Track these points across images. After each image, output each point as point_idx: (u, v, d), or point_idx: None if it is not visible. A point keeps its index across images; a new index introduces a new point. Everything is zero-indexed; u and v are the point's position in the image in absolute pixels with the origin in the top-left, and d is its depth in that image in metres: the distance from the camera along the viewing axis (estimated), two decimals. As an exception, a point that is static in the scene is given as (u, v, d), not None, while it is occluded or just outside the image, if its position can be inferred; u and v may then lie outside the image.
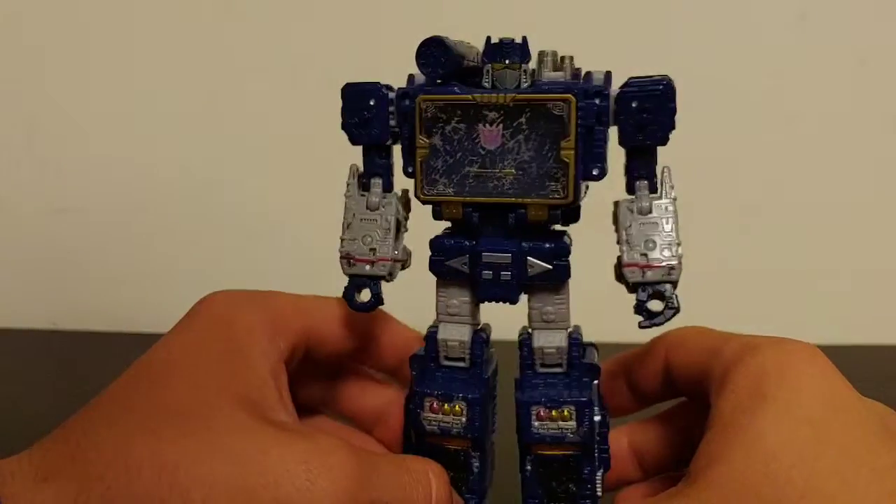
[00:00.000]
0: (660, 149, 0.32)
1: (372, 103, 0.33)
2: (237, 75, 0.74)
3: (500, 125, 0.31)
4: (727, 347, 0.31)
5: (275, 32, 0.73)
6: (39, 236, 0.78)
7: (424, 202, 0.32)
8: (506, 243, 0.32)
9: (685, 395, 0.36)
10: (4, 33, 0.75)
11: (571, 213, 0.33)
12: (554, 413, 0.33)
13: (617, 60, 0.34)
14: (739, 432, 0.27)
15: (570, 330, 0.33)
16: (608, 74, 0.33)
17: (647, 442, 0.37)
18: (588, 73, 0.33)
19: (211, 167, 0.75)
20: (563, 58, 0.34)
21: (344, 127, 0.33)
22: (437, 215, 0.32)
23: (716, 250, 0.61)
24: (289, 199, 0.73)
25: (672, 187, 0.32)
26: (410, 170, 0.32)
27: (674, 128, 0.31)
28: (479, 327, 0.35)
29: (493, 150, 0.31)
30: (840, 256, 0.70)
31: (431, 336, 0.34)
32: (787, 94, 0.65)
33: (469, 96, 0.31)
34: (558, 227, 0.34)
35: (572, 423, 0.32)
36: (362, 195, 0.34)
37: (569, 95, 0.30)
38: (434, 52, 0.31)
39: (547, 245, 0.32)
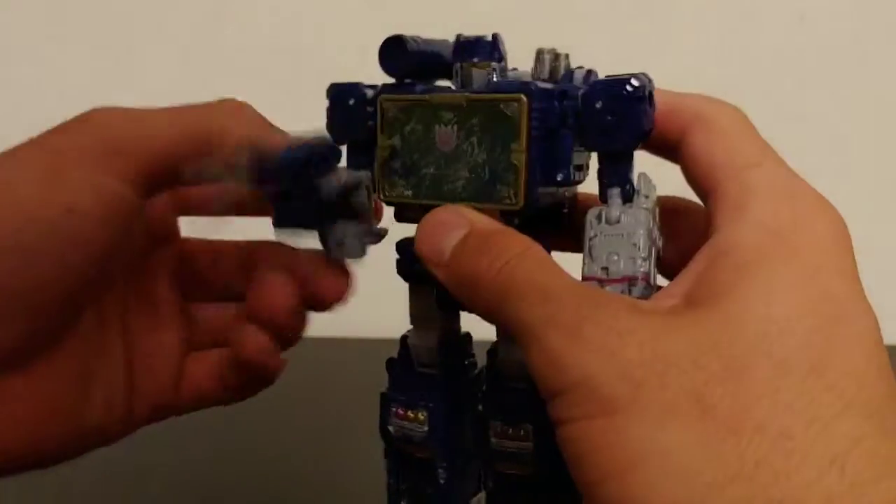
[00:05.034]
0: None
1: (351, 103, 0.32)
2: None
3: (455, 126, 0.29)
4: (755, 174, 0.27)
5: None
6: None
7: (386, 203, 0.32)
8: (463, 249, 0.30)
9: (678, 161, 0.30)
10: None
11: (553, 220, 0.32)
12: (511, 431, 0.31)
13: (615, 61, 0.32)
14: (756, 278, 0.24)
15: None
16: (588, 73, 0.31)
17: None
18: (570, 72, 0.31)
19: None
20: (557, 55, 0.32)
21: (327, 126, 0.33)
22: (399, 217, 0.32)
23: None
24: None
25: (647, 197, 0.29)
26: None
27: (644, 132, 0.28)
28: (453, 334, 0.34)
29: (448, 152, 0.30)
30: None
31: (404, 340, 0.34)
32: (787, 94, 0.62)
33: (425, 96, 0.30)
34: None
35: (529, 444, 0.31)
36: None
37: (520, 95, 0.28)
38: (393, 52, 0.30)
39: (504, 253, 0.30)
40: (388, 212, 0.32)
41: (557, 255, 0.31)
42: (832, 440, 0.22)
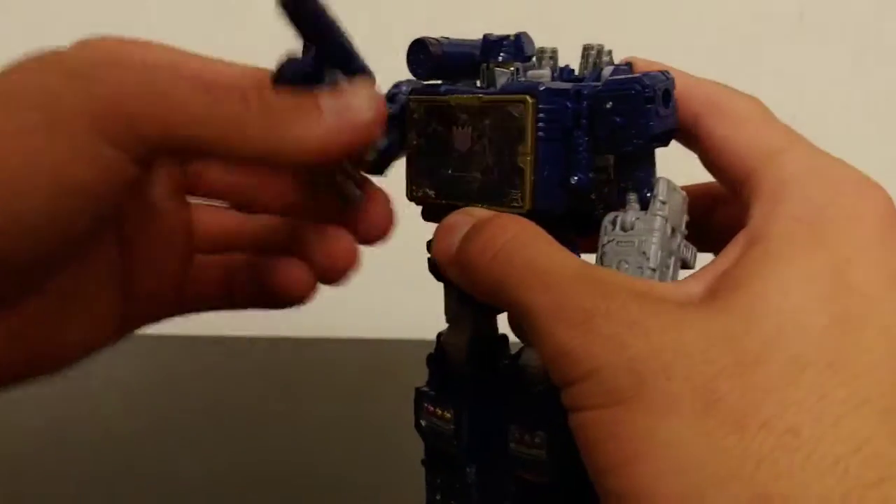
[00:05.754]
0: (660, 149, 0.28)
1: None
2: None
3: (470, 127, 0.29)
4: (789, 159, 0.26)
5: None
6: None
7: (411, 201, 0.32)
8: (481, 250, 0.30)
9: (693, 147, 0.29)
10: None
11: (580, 223, 0.31)
12: (525, 437, 0.30)
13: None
14: (778, 270, 0.23)
15: None
16: (616, 69, 0.29)
17: None
18: (599, 69, 0.30)
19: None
20: (600, 52, 0.31)
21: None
22: (426, 216, 0.32)
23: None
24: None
25: (664, 203, 0.28)
26: None
27: (654, 135, 0.27)
28: (487, 335, 0.33)
29: (464, 153, 0.30)
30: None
31: (439, 338, 0.34)
32: (786, 93, 0.55)
33: (445, 98, 0.30)
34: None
35: (542, 452, 0.30)
36: None
37: (525, 96, 0.27)
38: (416, 55, 0.31)
39: (519, 256, 0.29)
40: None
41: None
42: (839, 439, 0.21)
